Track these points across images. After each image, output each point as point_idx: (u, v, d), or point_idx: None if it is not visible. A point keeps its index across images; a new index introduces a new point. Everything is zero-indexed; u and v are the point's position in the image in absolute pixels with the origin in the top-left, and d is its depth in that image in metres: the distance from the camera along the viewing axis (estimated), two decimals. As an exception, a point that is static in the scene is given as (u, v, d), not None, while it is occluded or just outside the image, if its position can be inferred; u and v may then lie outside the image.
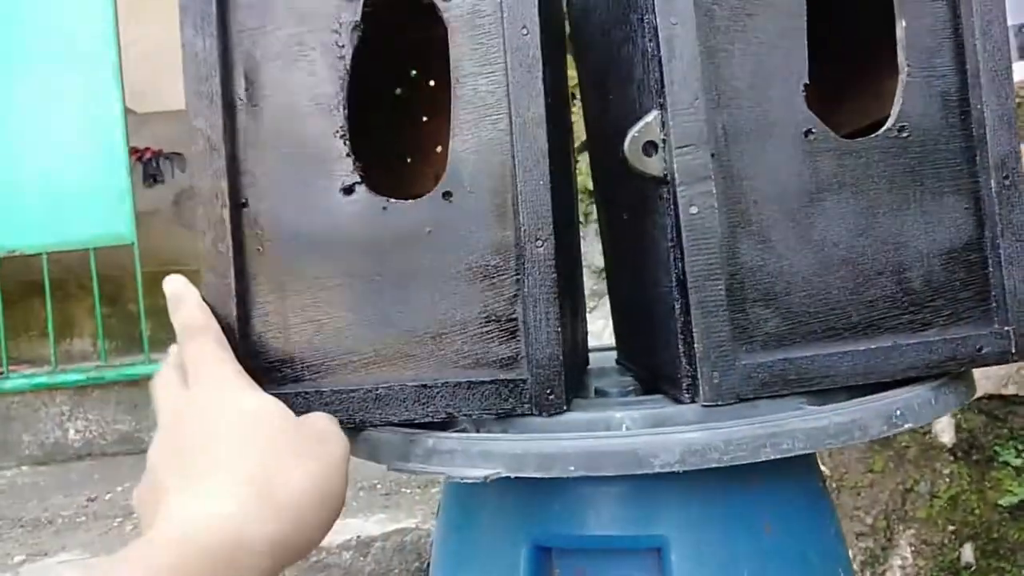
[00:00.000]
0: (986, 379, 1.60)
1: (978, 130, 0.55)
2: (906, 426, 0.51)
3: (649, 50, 0.51)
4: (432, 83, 0.81)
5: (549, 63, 0.62)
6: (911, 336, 0.54)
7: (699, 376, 0.51)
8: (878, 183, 0.54)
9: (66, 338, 3.21)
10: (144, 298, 2.53)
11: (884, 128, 0.54)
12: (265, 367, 0.56)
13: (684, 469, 0.47)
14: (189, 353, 0.49)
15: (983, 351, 0.54)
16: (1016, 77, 1.68)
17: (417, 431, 0.54)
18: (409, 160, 0.83)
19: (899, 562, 1.58)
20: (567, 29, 0.84)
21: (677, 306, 0.53)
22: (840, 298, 0.54)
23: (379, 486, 1.66)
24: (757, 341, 0.53)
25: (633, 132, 0.51)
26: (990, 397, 1.62)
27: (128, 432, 2.50)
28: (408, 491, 1.62)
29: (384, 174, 0.83)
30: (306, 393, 0.55)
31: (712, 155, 0.51)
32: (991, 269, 0.55)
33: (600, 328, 1.62)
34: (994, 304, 0.55)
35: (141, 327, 2.52)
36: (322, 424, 0.47)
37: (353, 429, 0.57)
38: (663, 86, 0.50)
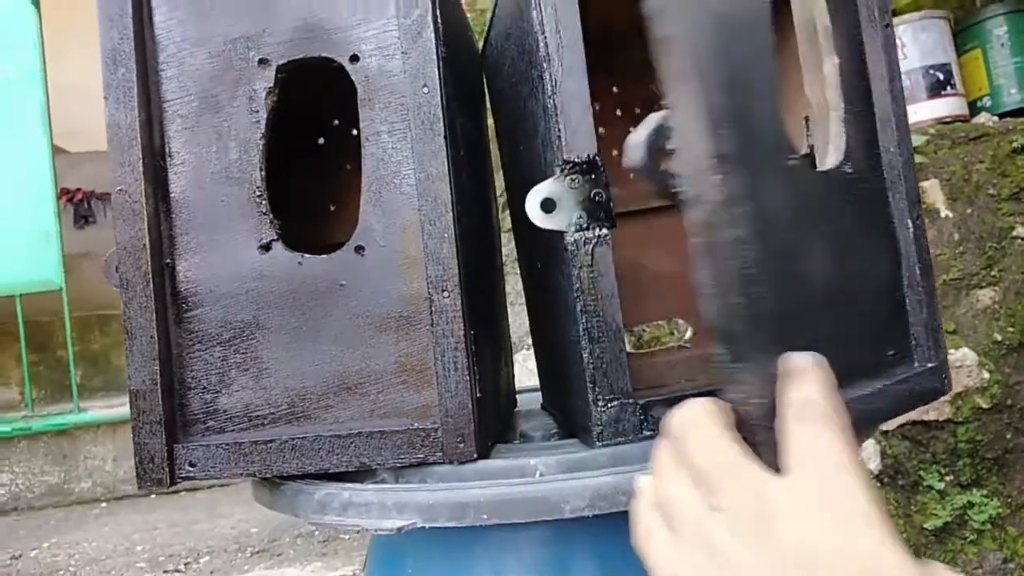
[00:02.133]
0: (908, 405, 1.66)
1: (890, 172, 0.57)
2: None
3: (549, 106, 0.53)
4: (355, 132, 0.83)
5: (462, 115, 0.64)
6: (875, 381, 0.53)
7: (599, 421, 0.52)
8: (844, 213, 0.53)
9: (-8, 387, 3.09)
10: (74, 344, 2.46)
11: (835, 164, 0.55)
12: (189, 420, 0.56)
13: (594, 514, 0.48)
14: (703, 457, 0.35)
15: (915, 392, 0.55)
16: (926, 115, 1.77)
17: (335, 484, 0.54)
18: (333, 208, 0.84)
19: (833, 588, 1.61)
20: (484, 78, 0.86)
21: (585, 355, 0.54)
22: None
23: (317, 533, 1.64)
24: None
25: (534, 191, 0.52)
26: (913, 423, 1.68)
27: (56, 484, 2.42)
28: (347, 537, 1.60)
29: (309, 222, 0.84)
30: (226, 445, 0.55)
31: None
32: (911, 308, 0.57)
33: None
34: (913, 342, 0.57)
35: (71, 374, 2.45)
36: None
37: (272, 481, 0.57)
38: (563, 143, 0.52)
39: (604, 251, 0.53)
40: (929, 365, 0.56)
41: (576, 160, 0.53)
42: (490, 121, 0.87)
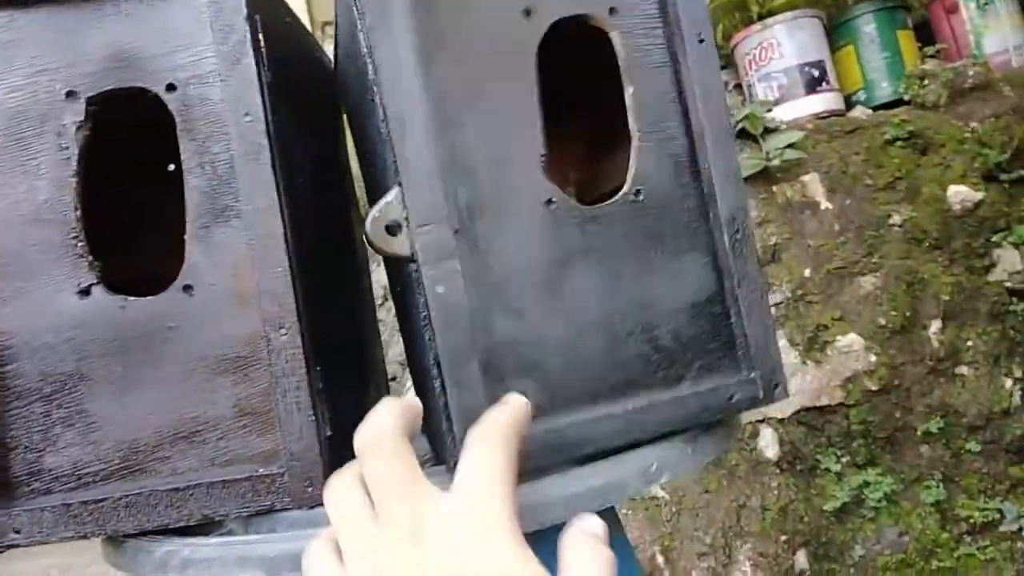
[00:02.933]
0: (800, 394, 1.71)
1: (708, 189, 0.58)
2: (664, 478, 0.52)
3: (383, 130, 0.51)
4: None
5: (306, 139, 0.61)
6: (665, 392, 0.55)
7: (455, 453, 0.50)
8: (621, 246, 0.56)
9: None
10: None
11: (621, 192, 0.56)
12: (12, 483, 0.52)
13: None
14: (374, 476, 0.37)
15: (734, 399, 0.57)
16: (804, 111, 1.84)
17: (176, 539, 0.51)
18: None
19: (740, 577, 1.65)
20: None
21: (437, 385, 0.52)
22: (596, 362, 0.54)
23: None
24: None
25: (374, 213, 0.50)
26: (807, 409, 1.73)
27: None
28: None
29: (165, 254, 0.80)
30: (52, 507, 0.51)
31: (455, 231, 0.51)
32: (733, 319, 0.58)
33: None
34: (740, 352, 0.58)
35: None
36: None
37: (116, 539, 0.54)
38: (398, 165, 0.50)
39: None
40: (750, 375, 0.57)
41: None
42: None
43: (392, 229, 0.51)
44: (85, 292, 0.51)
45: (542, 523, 0.48)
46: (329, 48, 0.78)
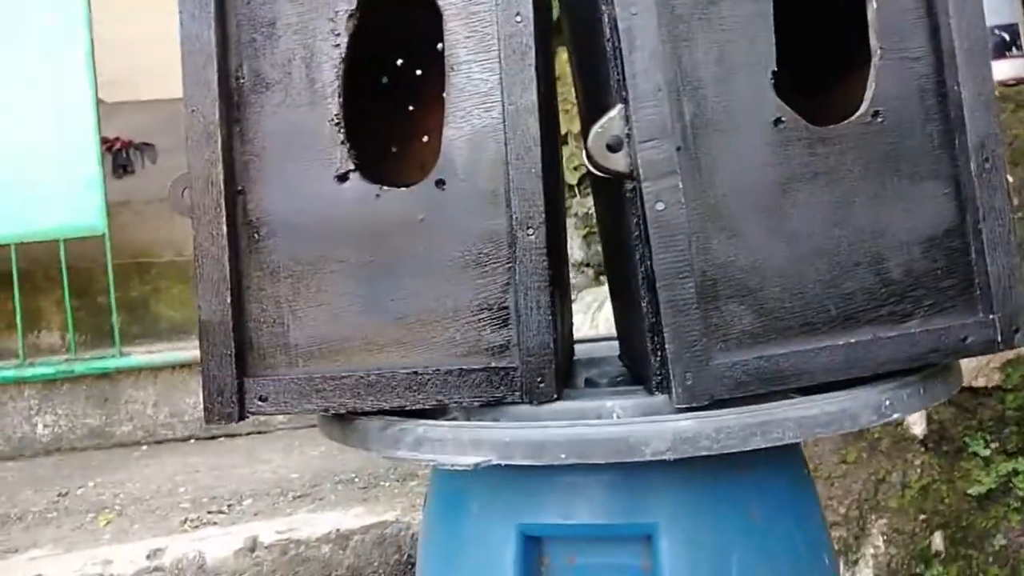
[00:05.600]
0: (957, 372, 1.63)
1: (955, 112, 0.54)
2: (894, 416, 0.51)
3: (612, 43, 0.50)
4: (419, 72, 0.81)
5: (540, 52, 0.62)
6: (891, 328, 0.53)
7: (672, 377, 0.50)
8: (853, 171, 0.53)
9: (34, 331, 3.12)
10: (115, 290, 2.49)
11: (858, 114, 0.54)
12: (260, 353, 0.56)
13: (675, 457, 0.47)
14: None
15: (967, 341, 0.54)
16: (992, 76, 1.70)
17: (408, 419, 0.54)
18: (395, 149, 0.83)
19: (871, 551, 1.61)
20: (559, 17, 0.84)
21: (644, 304, 0.52)
22: (817, 291, 0.53)
23: (356, 479, 1.65)
24: (732, 339, 0.51)
25: (596, 128, 0.50)
26: (961, 390, 1.65)
27: (98, 426, 2.46)
28: (387, 484, 1.61)
29: (372, 163, 0.83)
30: (297, 379, 0.55)
31: (678, 148, 0.50)
32: (974, 256, 0.55)
33: (579, 322, 1.63)
34: (978, 292, 0.55)
35: (112, 320, 2.48)
36: None
37: (344, 416, 0.57)
38: (624, 79, 0.49)
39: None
40: (988, 317, 0.54)
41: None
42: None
43: (613, 146, 0.51)
44: (342, 178, 0.54)
45: (773, 440, 0.48)
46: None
